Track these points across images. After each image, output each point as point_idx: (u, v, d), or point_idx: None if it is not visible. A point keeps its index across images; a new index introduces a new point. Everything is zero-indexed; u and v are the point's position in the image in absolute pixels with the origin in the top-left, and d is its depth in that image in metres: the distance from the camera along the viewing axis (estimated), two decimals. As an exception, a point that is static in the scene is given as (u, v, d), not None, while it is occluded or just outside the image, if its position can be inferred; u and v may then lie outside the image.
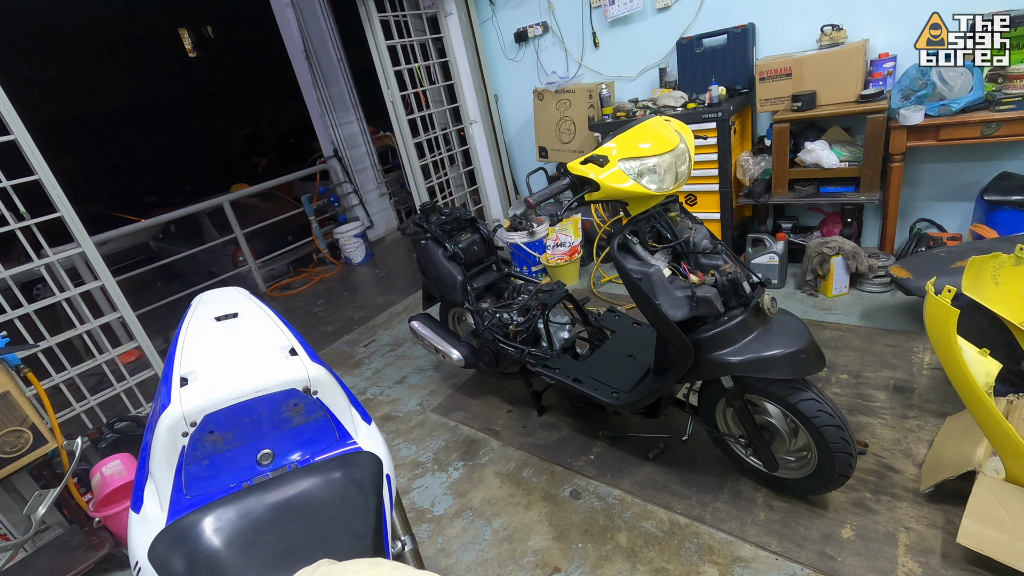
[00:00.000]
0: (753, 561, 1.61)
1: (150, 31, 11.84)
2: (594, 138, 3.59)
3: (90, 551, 1.97)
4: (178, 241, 6.14)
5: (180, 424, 0.93)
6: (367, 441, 1.11)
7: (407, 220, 2.65)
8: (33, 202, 2.37)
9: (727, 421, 1.84)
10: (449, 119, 4.46)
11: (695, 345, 1.55)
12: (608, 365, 2.10)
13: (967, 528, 1.40)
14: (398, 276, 4.88)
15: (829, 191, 2.89)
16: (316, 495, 0.97)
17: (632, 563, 1.68)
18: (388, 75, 3.79)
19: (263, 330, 1.15)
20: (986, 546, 1.36)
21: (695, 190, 3.22)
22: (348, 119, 5.98)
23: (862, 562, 1.52)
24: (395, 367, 3.20)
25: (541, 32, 3.94)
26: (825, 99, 2.76)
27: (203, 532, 0.90)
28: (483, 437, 2.42)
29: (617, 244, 1.62)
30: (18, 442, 1.82)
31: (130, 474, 2.08)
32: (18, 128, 2.23)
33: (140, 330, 2.68)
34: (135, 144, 12.34)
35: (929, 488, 1.60)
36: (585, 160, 1.54)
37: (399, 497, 1.21)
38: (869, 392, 2.15)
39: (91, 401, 2.62)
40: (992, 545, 1.36)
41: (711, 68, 3.23)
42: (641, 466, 2.04)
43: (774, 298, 1.56)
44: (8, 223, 2.29)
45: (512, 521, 1.94)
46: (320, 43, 5.60)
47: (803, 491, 1.73)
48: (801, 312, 2.79)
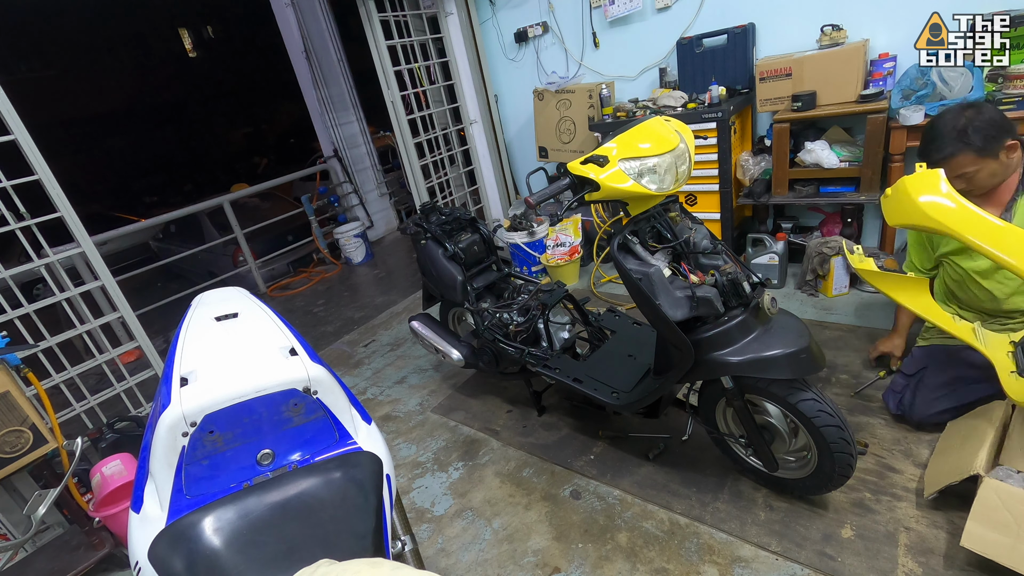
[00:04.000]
0: (753, 561, 1.61)
1: (150, 31, 11.85)
2: (594, 138, 3.59)
3: (90, 551, 1.97)
4: (178, 241, 6.14)
5: (180, 424, 0.93)
6: (367, 441, 1.11)
7: (407, 220, 2.66)
8: (33, 202, 2.37)
9: (727, 421, 1.84)
10: (449, 119, 4.46)
11: (695, 345, 1.55)
12: (608, 365, 2.10)
13: (971, 531, 1.39)
14: (398, 276, 4.88)
15: (829, 191, 2.89)
16: (316, 495, 0.97)
17: (632, 563, 1.68)
18: (388, 75, 3.79)
19: (263, 330, 1.15)
20: (990, 550, 1.36)
21: (695, 190, 3.22)
22: (348, 119, 5.97)
23: (862, 562, 1.52)
24: (395, 367, 3.20)
25: (541, 32, 3.93)
26: (825, 99, 2.76)
27: (203, 532, 0.90)
28: (483, 437, 2.42)
29: (617, 244, 1.62)
30: (18, 442, 1.82)
31: (130, 474, 2.08)
32: (18, 128, 2.22)
33: (140, 330, 2.68)
34: (135, 144, 12.34)
35: (933, 494, 1.59)
36: (585, 160, 1.54)
37: (399, 497, 1.21)
38: (869, 392, 2.15)
39: (91, 401, 2.62)
40: (996, 549, 1.35)
41: (711, 68, 3.22)
42: (641, 466, 2.04)
43: (774, 298, 1.56)
44: (8, 223, 2.29)
45: (512, 521, 1.94)
46: (320, 43, 5.60)
47: (803, 491, 1.73)
48: (801, 312, 2.79)
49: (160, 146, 12.78)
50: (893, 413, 1.97)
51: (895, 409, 1.96)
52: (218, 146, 13.87)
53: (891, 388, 2.01)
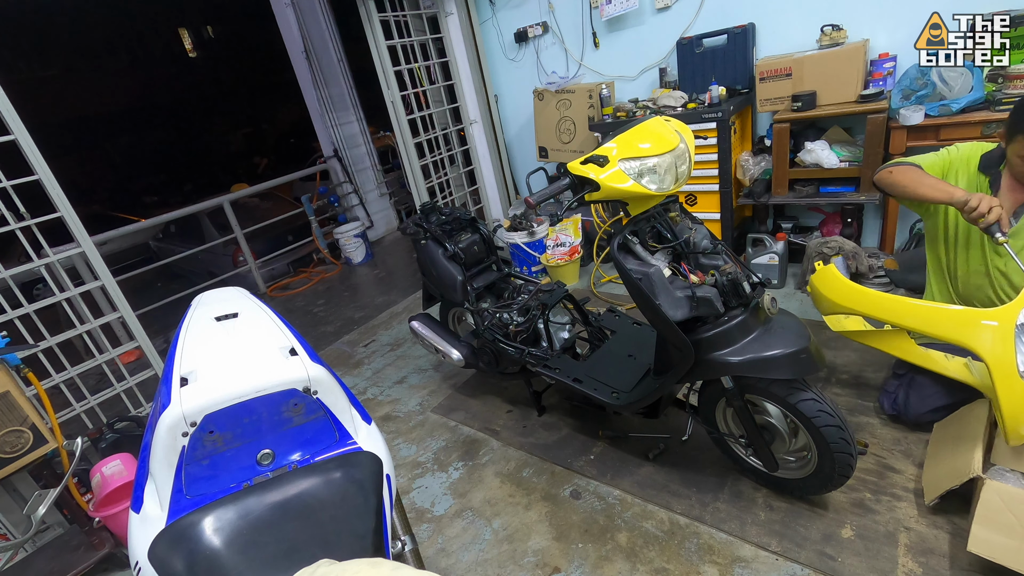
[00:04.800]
0: (753, 561, 1.61)
1: (150, 31, 11.86)
2: (594, 138, 3.59)
3: (90, 551, 1.97)
4: (178, 241, 6.13)
5: (180, 424, 0.93)
6: (367, 441, 1.11)
7: (407, 220, 2.65)
8: (33, 202, 2.37)
9: (727, 421, 1.84)
10: (449, 119, 4.46)
11: (695, 345, 1.55)
12: (608, 365, 2.10)
13: (977, 535, 1.38)
14: (398, 276, 4.88)
15: (829, 191, 2.89)
16: (316, 495, 0.97)
17: (632, 563, 1.68)
18: (388, 75, 3.79)
19: (263, 330, 1.15)
20: (997, 553, 1.34)
21: (695, 190, 3.22)
22: (348, 119, 5.97)
23: (862, 562, 1.52)
24: (395, 367, 3.20)
25: (541, 32, 3.93)
26: (825, 99, 2.76)
27: (203, 532, 0.90)
28: (483, 437, 2.42)
29: (617, 244, 1.62)
30: (18, 442, 1.82)
31: (130, 474, 2.08)
32: (18, 128, 2.22)
33: (140, 330, 2.68)
34: (135, 144, 12.34)
35: (934, 500, 1.58)
36: (585, 160, 1.54)
37: (399, 497, 1.21)
38: (869, 392, 2.15)
39: (91, 401, 2.62)
40: (1004, 552, 1.33)
41: (711, 68, 3.22)
42: (641, 466, 2.04)
43: (774, 298, 1.56)
44: (8, 223, 2.29)
45: (512, 521, 1.94)
46: (320, 43, 5.60)
47: (803, 491, 1.73)
48: (801, 312, 2.79)
49: (160, 146, 12.78)
50: (888, 414, 1.98)
51: (890, 410, 1.96)
52: (218, 146, 13.87)
53: (884, 389, 2.01)
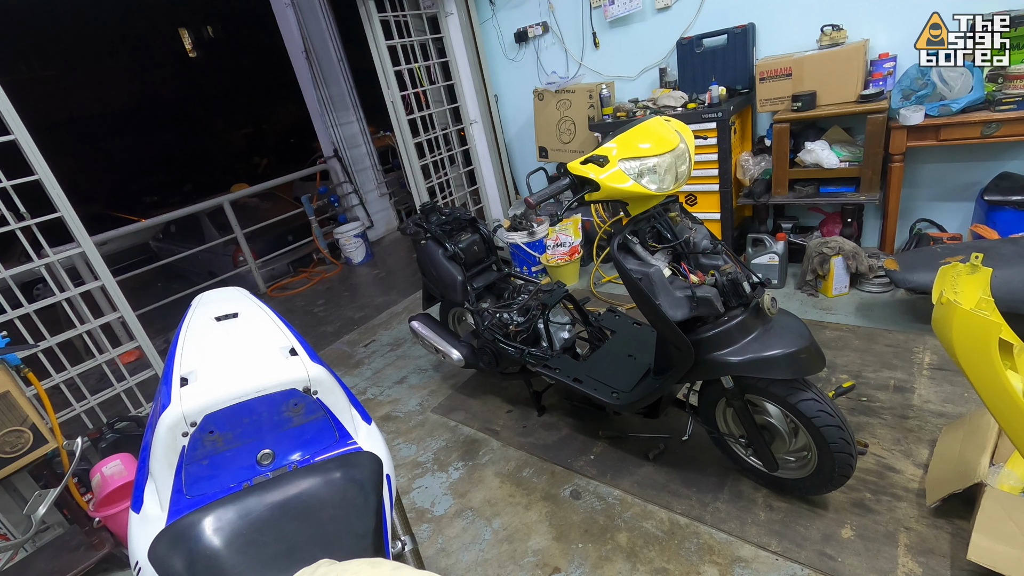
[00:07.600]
0: (753, 561, 1.61)
1: (150, 31, 11.84)
2: (594, 138, 3.59)
3: (90, 551, 1.97)
4: (178, 241, 6.13)
5: (180, 424, 0.93)
6: (367, 441, 1.11)
7: (407, 220, 2.65)
8: (33, 202, 2.37)
9: (727, 421, 1.84)
10: (449, 119, 4.46)
11: (695, 345, 1.55)
12: (608, 365, 2.10)
13: (977, 544, 1.37)
14: (398, 276, 4.88)
15: (829, 191, 2.89)
16: (316, 495, 0.97)
17: (632, 563, 1.68)
18: (388, 75, 3.79)
19: (263, 330, 1.15)
20: (998, 562, 1.33)
21: (695, 190, 3.22)
22: (348, 119, 5.97)
23: (862, 562, 1.52)
24: (395, 367, 3.20)
25: (541, 32, 3.93)
26: (825, 99, 2.76)
27: (203, 532, 0.90)
28: (483, 437, 2.42)
29: (617, 244, 1.62)
30: (18, 442, 1.82)
31: (130, 474, 2.08)
32: (18, 128, 2.23)
33: (140, 330, 2.68)
34: (135, 144, 12.32)
35: (936, 503, 1.58)
36: (585, 160, 1.54)
37: (399, 497, 1.21)
38: (869, 392, 2.15)
39: (91, 401, 2.62)
40: (1004, 562, 1.32)
41: (711, 68, 3.22)
42: (641, 466, 2.04)
43: (774, 298, 1.56)
44: (8, 223, 2.29)
45: (512, 521, 1.94)
46: (320, 43, 5.60)
47: (803, 491, 1.73)
48: (801, 312, 2.79)
49: (160, 146, 12.76)
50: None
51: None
52: (218, 146, 13.85)
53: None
